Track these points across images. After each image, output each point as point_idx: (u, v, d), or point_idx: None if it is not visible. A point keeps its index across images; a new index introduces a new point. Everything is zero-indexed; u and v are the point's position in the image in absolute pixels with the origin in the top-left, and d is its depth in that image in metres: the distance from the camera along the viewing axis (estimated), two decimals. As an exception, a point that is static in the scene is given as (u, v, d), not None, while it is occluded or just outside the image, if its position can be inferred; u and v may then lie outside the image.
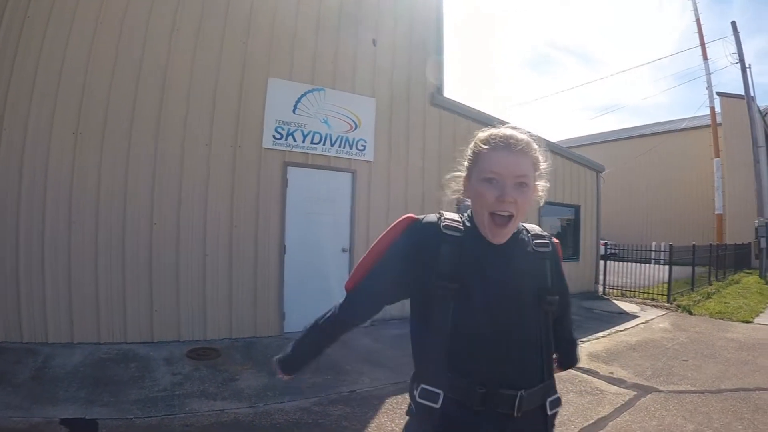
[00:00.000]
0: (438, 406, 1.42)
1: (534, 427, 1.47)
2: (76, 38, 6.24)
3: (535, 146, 1.52)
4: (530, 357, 1.46)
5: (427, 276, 1.47)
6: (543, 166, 1.56)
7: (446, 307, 1.44)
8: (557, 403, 1.52)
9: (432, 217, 1.57)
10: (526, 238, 1.58)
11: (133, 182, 6.47)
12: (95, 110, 6.31)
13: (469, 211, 1.58)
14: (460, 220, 1.57)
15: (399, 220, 1.61)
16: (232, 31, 7.22)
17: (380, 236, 1.63)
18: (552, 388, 1.52)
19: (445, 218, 1.56)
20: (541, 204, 1.64)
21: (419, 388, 1.47)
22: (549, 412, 1.48)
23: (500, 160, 1.45)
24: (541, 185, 1.58)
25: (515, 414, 1.38)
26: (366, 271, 1.61)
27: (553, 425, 1.52)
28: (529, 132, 1.54)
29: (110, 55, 6.40)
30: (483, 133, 1.54)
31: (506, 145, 1.46)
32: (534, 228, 1.64)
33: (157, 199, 6.60)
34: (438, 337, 1.45)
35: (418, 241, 1.53)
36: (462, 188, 1.60)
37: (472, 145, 1.57)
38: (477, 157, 1.52)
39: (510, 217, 1.45)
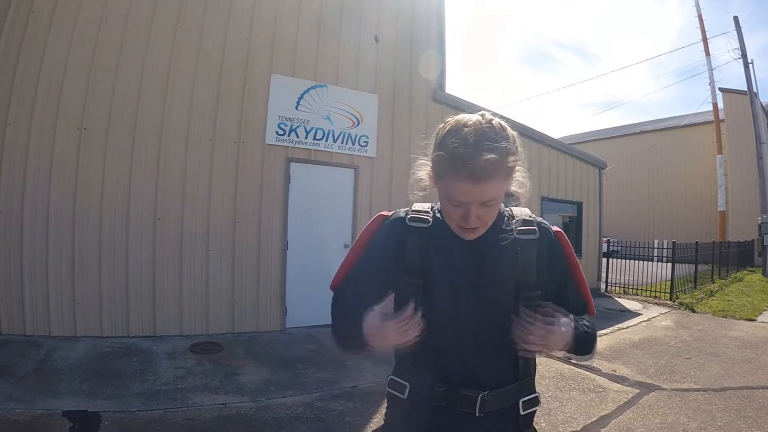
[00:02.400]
0: (404, 397, 1.43)
1: (504, 426, 1.42)
2: (80, 33, 6.26)
3: (504, 158, 1.28)
4: (502, 355, 1.39)
5: (397, 271, 1.44)
6: (517, 169, 1.38)
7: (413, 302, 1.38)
8: (533, 402, 1.44)
9: (401, 212, 1.52)
10: (507, 225, 1.45)
11: (137, 177, 6.49)
12: (100, 106, 6.33)
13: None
14: (429, 210, 1.49)
15: (371, 219, 1.57)
16: (236, 28, 7.23)
17: (357, 238, 1.58)
18: (528, 387, 1.45)
19: (412, 210, 1.50)
20: (522, 191, 1.44)
21: (389, 378, 1.50)
22: (522, 412, 1.41)
23: (464, 191, 1.27)
24: (518, 177, 1.41)
25: (477, 414, 1.36)
26: (347, 270, 1.56)
27: (528, 425, 1.46)
28: (500, 127, 1.32)
29: (115, 51, 6.42)
30: (445, 147, 1.30)
31: (470, 176, 1.24)
32: (521, 213, 1.49)
33: (160, 195, 6.62)
34: None
35: (388, 238, 1.48)
36: (429, 181, 1.44)
37: (434, 153, 1.36)
38: (440, 171, 1.34)
39: (477, 227, 1.37)
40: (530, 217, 1.49)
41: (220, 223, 7.01)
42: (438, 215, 1.47)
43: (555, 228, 1.54)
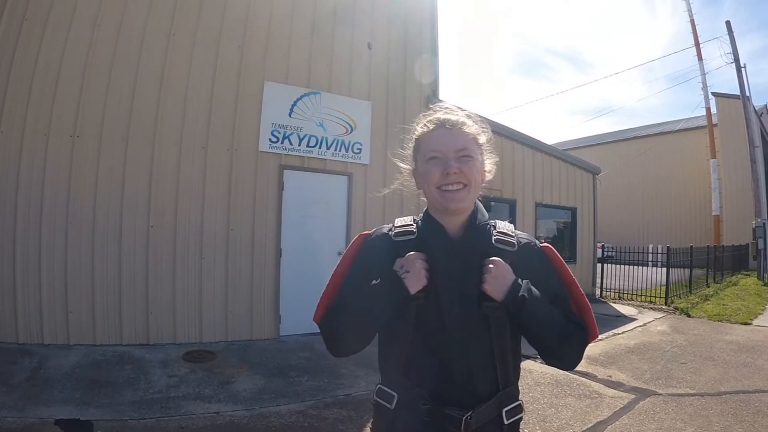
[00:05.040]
0: (392, 407, 1.41)
1: None
2: (73, 41, 6.25)
3: (471, 122, 1.50)
4: (482, 368, 1.38)
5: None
6: (483, 140, 1.53)
7: (406, 316, 1.38)
8: (516, 411, 1.43)
9: (383, 229, 1.54)
10: (488, 234, 1.46)
11: (130, 185, 6.47)
12: (92, 113, 6.31)
13: (425, 209, 1.54)
14: (412, 222, 1.51)
15: (352, 241, 1.57)
16: (228, 35, 7.23)
17: (338, 262, 1.55)
18: (510, 397, 1.43)
19: (395, 226, 1.52)
20: (487, 179, 1.56)
21: (378, 387, 1.48)
22: (506, 422, 1.40)
23: (439, 138, 1.45)
24: (489, 162, 1.55)
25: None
26: (335, 290, 1.51)
27: None
28: (465, 110, 1.54)
29: (108, 58, 6.41)
30: (419, 121, 1.56)
31: (441, 124, 1.47)
32: (504, 226, 1.51)
33: (153, 202, 6.59)
34: (396, 343, 1.42)
35: (373, 257, 1.48)
36: (414, 182, 1.59)
37: (411, 135, 1.58)
38: (418, 143, 1.53)
39: (460, 189, 1.41)
40: (512, 231, 1.50)
41: (214, 231, 6.97)
42: (421, 224, 1.51)
43: (543, 243, 1.56)
